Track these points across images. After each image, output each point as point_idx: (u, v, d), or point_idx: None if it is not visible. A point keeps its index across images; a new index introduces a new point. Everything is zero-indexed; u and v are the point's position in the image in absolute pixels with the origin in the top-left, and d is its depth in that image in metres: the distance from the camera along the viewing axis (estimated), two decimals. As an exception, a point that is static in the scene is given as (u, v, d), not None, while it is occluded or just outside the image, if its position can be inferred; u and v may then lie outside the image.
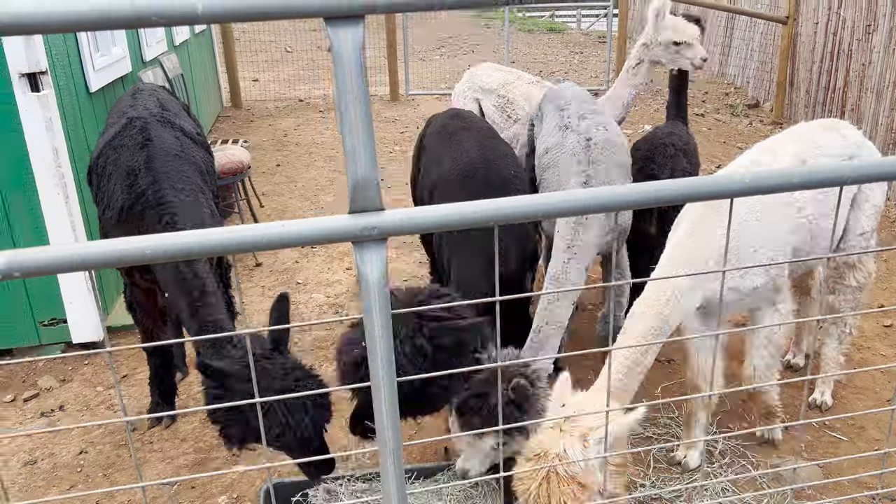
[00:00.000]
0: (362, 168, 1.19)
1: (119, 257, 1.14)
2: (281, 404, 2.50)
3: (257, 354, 2.62)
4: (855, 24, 8.50)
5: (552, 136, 3.93)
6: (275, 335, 2.71)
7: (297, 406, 2.54)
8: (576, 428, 2.20)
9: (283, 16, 1.10)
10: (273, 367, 2.60)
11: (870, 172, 1.47)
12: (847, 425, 3.73)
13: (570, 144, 3.71)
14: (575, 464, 2.11)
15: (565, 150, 3.72)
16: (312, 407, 2.57)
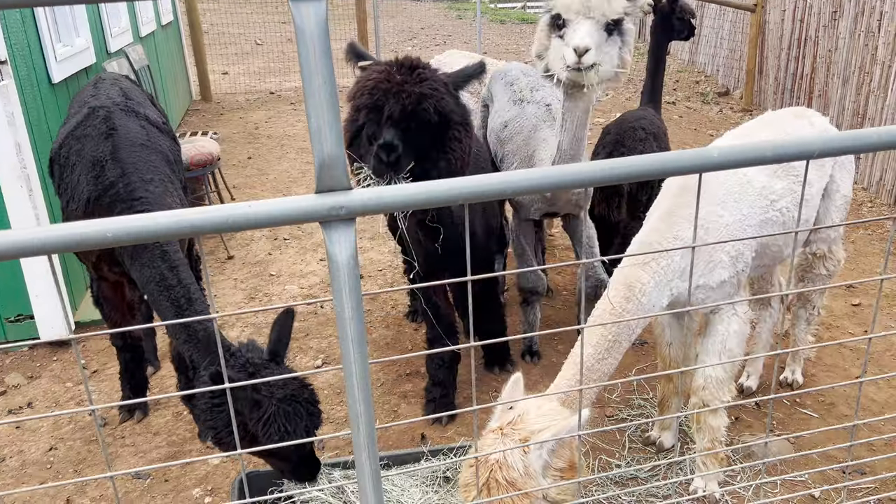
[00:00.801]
0: (328, 147, 1.17)
1: (80, 240, 1.11)
2: (280, 414, 2.53)
3: (256, 364, 2.63)
4: (821, 10, 8.61)
5: (508, 110, 4.00)
6: (272, 346, 2.71)
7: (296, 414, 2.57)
8: (518, 432, 2.13)
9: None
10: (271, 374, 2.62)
11: (836, 146, 1.48)
12: (817, 402, 3.80)
13: (530, 113, 3.88)
14: (514, 470, 2.05)
15: (527, 119, 3.87)
16: (307, 415, 2.60)
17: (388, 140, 2.65)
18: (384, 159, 2.66)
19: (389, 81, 2.69)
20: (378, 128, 2.72)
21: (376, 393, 3.97)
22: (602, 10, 2.86)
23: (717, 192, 2.84)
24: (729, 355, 2.88)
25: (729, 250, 2.82)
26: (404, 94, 2.67)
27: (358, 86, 2.77)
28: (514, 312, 4.83)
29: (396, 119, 2.68)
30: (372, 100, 2.69)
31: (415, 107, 2.68)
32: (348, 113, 2.86)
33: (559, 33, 2.95)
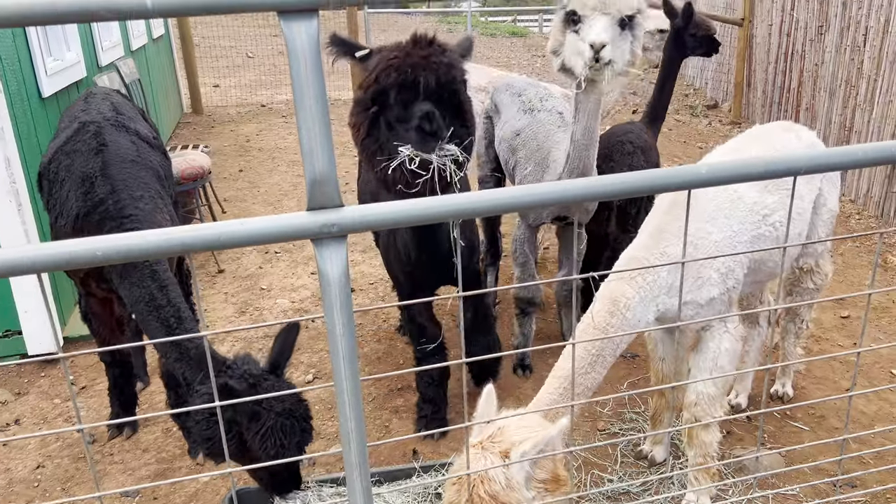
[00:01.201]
0: (320, 164, 1.17)
1: (69, 259, 1.10)
2: (278, 427, 2.54)
3: (255, 376, 2.63)
4: (808, 24, 8.71)
5: (518, 120, 4.08)
6: (274, 358, 2.71)
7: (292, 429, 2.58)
8: (498, 445, 2.11)
9: (236, 9, 1.08)
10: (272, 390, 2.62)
11: (822, 162, 1.50)
12: (808, 415, 3.81)
13: (543, 120, 3.99)
14: (496, 483, 2.02)
15: (540, 125, 3.97)
16: (300, 431, 2.61)
17: (429, 110, 2.60)
18: (429, 129, 2.61)
19: (416, 56, 2.63)
20: (409, 106, 2.64)
21: (368, 408, 3.96)
22: (618, 6, 2.94)
23: (706, 208, 2.84)
24: (720, 373, 2.87)
25: (718, 267, 2.80)
26: (435, 66, 2.62)
27: (380, 68, 2.64)
28: (505, 325, 4.84)
29: (431, 91, 2.63)
30: (403, 77, 2.60)
31: (447, 77, 2.65)
32: (360, 103, 2.76)
33: (574, 28, 3.02)
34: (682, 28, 4.66)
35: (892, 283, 5.39)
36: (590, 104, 3.26)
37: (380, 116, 2.71)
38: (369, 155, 2.75)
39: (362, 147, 2.78)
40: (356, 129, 2.78)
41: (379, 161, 2.71)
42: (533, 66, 16.34)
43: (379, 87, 2.63)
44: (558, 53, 3.16)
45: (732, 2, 11.33)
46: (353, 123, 2.80)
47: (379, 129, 2.72)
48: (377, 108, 2.69)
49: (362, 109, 2.73)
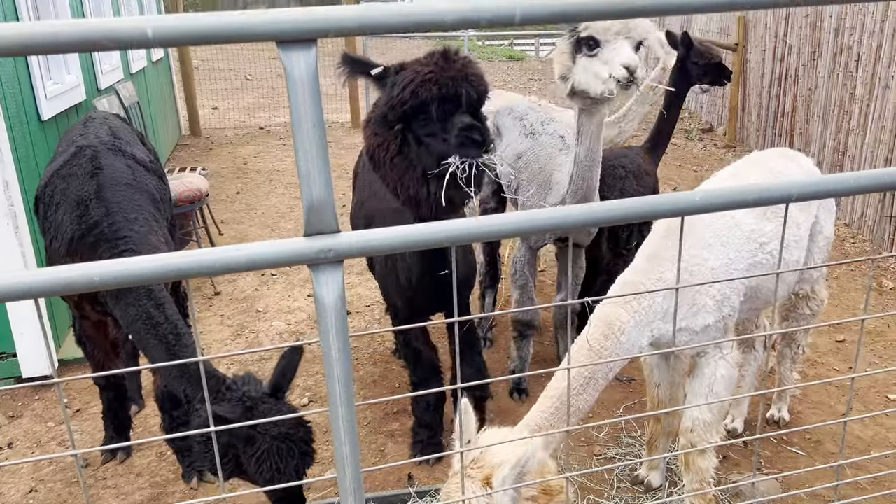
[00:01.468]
0: (317, 190, 1.18)
1: (66, 284, 1.11)
2: (274, 451, 2.52)
3: (255, 398, 2.62)
4: (801, 50, 8.82)
5: (520, 143, 4.13)
6: (276, 380, 2.70)
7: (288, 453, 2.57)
8: (480, 470, 2.10)
9: (234, 39, 1.10)
10: (269, 411, 2.60)
11: (815, 189, 1.51)
12: (804, 440, 3.80)
13: (544, 143, 4.05)
14: None
15: (542, 148, 4.04)
16: (299, 455, 2.59)
17: (469, 122, 2.59)
18: (478, 139, 2.58)
19: (453, 69, 2.61)
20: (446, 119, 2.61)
21: (363, 432, 3.94)
22: (638, 31, 3.09)
23: (703, 235, 2.85)
24: (716, 399, 2.86)
25: (714, 294, 2.80)
26: (473, 78, 2.63)
27: (416, 82, 2.58)
28: (501, 348, 4.83)
29: (473, 103, 2.64)
30: (444, 89, 2.57)
31: (483, 89, 2.67)
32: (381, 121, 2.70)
33: (590, 53, 3.11)
34: (684, 57, 4.70)
35: (887, 306, 5.40)
36: (592, 127, 3.34)
37: (407, 133, 2.67)
38: (399, 173, 2.70)
39: (392, 166, 2.71)
40: (384, 148, 2.71)
41: (410, 178, 2.68)
42: (529, 89, 16.48)
43: (417, 101, 2.57)
44: (567, 78, 3.22)
45: (727, 27, 11.47)
46: (377, 143, 2.73)
47: (409, 146, 2.67)
48: (403, 125, 2.65)
49: (388, 127, 2.68)
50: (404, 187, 2.72)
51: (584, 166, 3.45)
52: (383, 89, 2.71)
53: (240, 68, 17.23)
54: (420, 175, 2.67)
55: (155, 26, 1.05)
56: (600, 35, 3.08)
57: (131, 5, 9.43)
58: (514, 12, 1.17)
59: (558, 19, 1.21)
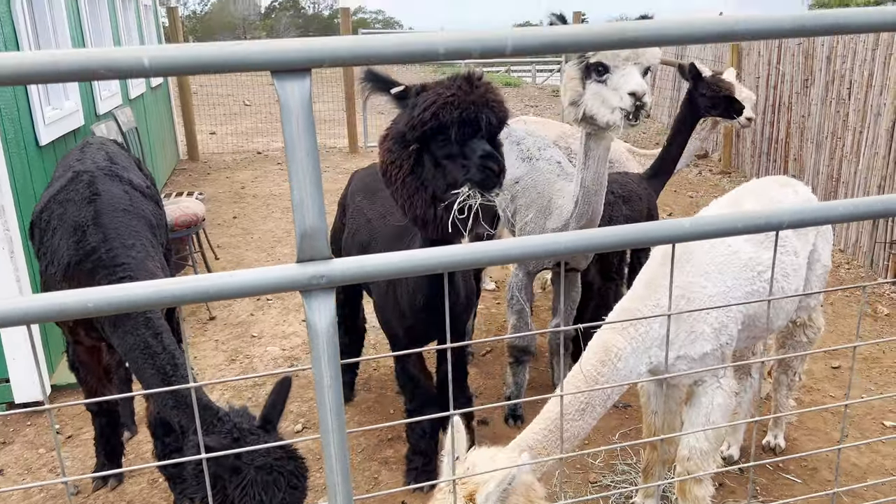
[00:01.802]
0: (310, 218, 1.19)
1: (60, 311, 1.11)
2: (258, 482, 2.48)
3: (244, 430, 2.59)
4: (793, 78, 8.92)
5: (517, 168, 4.15)
6: (266, 412, 2.68)
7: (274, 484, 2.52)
8: (465, 486, 2.08)
9: (229, 69, 1.11)
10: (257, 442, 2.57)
11: (805, 217, 1.53)
12: (800, 467, 3.78)
13: (542, 168, 4.08)
14: None
15: (540, 173, 4.06)
16: (288, 488, 2.54)
17: (488, 150, 2.59)
18: (495, 168, 2.58)
19: (474, 93, 2.62)
20: (464, 143, 2.61)
21: (357, 458, 3.91)
22: (647, 57, 3.12)
23: (701, 262, 2.85)
24: (713, 428, 2.85)
25: (712, 322, 2.79)
26: (494, 104, 2.64)
27: (437, 105, 2.59)
28: (497, 374, 4.82)
29: (493, 129, 2.64)
30: (465, 113, 2.57)
31: (503, 116, 2.67)
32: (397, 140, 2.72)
33: (599, 79, 3.15)
34: (692, 89, 4.68)
35: (882, 332, 5.41)
36: (600, 151, 3.38)
37: (423, 154, 2.68)
38: (410, 192, 2.72)
39: (404, 184, 2.73)
40: (397, 166, 2.73)
41: (420, 198, 2.69)
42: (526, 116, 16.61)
43: (437, 123, 2.58)
44: (577, 104, 3.24)
45: (721, 55, 11.61)
46: (391, 160, 2.75)
47: (423, 167, 2.69)
48: (418, 146, 2.66)
49: (404, 146, 2.70)
50: (413, 206, 2.74)
51: (590, 191, 3.49)
52: (403, 108, 2.73)
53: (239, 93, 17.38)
54: (430, 197, 2.68)
55: (151, 56, 1.07)
56: (609, 61, 3.12)
57: (132, 34, 9.54)
58: (505, 43, 1.19)
59: (549, 50, 1.23)
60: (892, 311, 5.78)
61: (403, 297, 3.27)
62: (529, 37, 1.21)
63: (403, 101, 2.73)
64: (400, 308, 3.33)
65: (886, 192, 6.66)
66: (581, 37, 1.23)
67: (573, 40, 1.24)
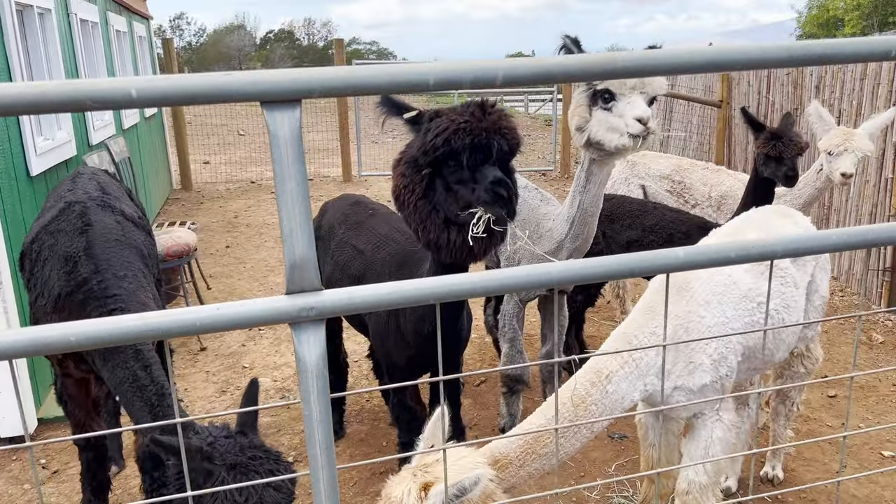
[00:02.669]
0: (300, 249, 1.18)
1: (43, 345, 1.08)
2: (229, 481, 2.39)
3: (216, 435, 2.53)
4: (783, 107, 9.02)
5: None
6: (242, 419, 2.62)
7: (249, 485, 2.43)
8: (426, 475, 2.07)
9: (218, 99, 1.10)
10: (230, 444, 2.50)
11: (798, 247, 1.52)
12: (799, 498, 3.73)
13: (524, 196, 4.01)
14: None
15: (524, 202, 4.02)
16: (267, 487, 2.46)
17: (499, 176, 2.60)
18: (505, 195, 2.59)
19: (486, 120, 2.64)
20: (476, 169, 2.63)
21: (349, 493, 3.84)
22: (653, 87, 3.22)
23: (700, 292, 2.83)
24: (712, 462, 2.81)
25: (711, 353, 2.76)
26: (506, 131, 2.65)
27: (450, 130, 2.61)
28: (491, 404, 4.76)
29: (504, 155, 2.66)
30: (477, 139, 2.59)
31: (515, 143, 2.69)
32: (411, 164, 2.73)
33: (605, 106, 3.24)
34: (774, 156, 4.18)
35: (877, 360, 5.39)
36: (602, 176, 3.48)
37: (435, 178, 2.70)
38: (422, 217, 2.73)
39: (416, 209, 2.74)
40: (409, 190, 2.74)
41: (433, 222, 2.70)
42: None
43: (449, 148, 2.60)
44: (583, 130, 3.33)
45: (711, 84, 11.75)
46: (403, 184, 2.76)
47: (435, 192, 2.70)
48: (431, 170, 2.68)
49: (417, 171, 2.71)
50: (426, 230, 2.74)
51: (588, 213, 3.57)
52: (416, 133, 2.75)
53: (233, 123, 17.45)
54: (442, 220, 2.70)
55: (139, 87, 1.05)
56: (616, 88, 3.20)
57: (126, 66, 9.59)
58: (496, 73, 1.18)
59: (540, 80, 1.23)
60: (888, 338, 5.77)
61: (408, 325, 3.22)
62: (520, 67, 1.20)
63: (416, 127, 2.76)
64: (403, 337, 3.28)
65: (878, 218, 6.69)
66: (571, 67, 1.23)
67: (563, 70, 1.23)
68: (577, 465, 4.06)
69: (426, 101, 26.92)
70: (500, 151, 2.62)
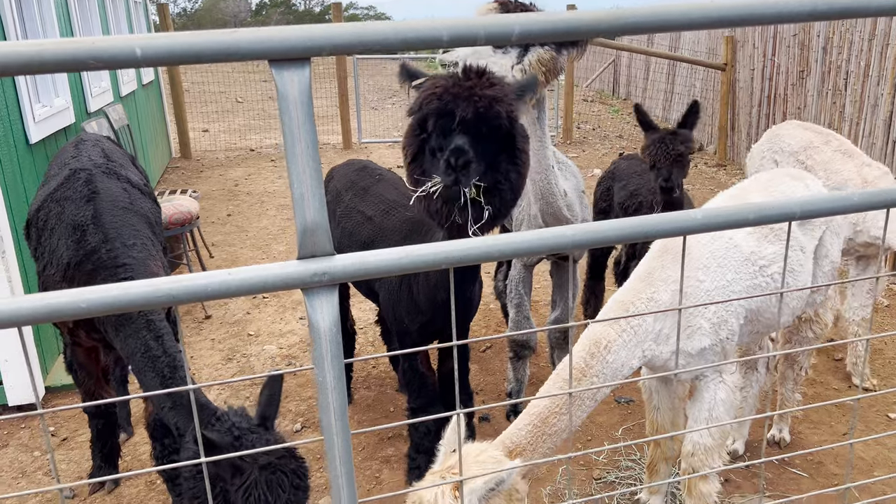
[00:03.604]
0: (311, 212, 1.15)
1: (52, 311, 1.06)
2: (262, 482, 2.42)
3: (243, 429, 2.54)
4: (789, 69, 8.89)
5: None
6: (262, 410, 2.63)
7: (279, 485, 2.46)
8: (454, 476, 2.09)
9: (226, 58, 1.06)
10: (257, 440, 2.52)
11: (817, 207, 1.49)
12: (806, 461, 3.75)
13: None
14: None
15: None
16: (291, 488, 2.49)
17: (459, 145, 2.53)
18: (453, 163, 2.52)
19: (460, 86, 2.57)
20: (447, 135, 2.59)
21: (357, 458, 3.86)
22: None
23: (700, 256, 2.80)
24: (716, 423, 2.80)
25: (710, 317, 2.74)
26: (476, 98, 2.54)
27: (424, 94, 2.61)
28: (497, 370, 4.78)
29: (469, 123, 2.56)
30: (442, 104, 2.54)
31: (487, 110, 2.55)
32: (409, 127, 2.73)
33: None
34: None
35: (883, 324, 5.38)
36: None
37: (426, 142, 2.68)
38: (413, 181, 2.73)
39: (408, 171, 2.76)
40: (404, 152, 2.76)
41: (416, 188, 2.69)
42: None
43: (421, 114, 2.60)
44: None
45: (715, 47, 11.58)
46: (402, 146, 2.79)
47: (423, 156, 2.69)
48: (425, 135, 2.66)
49: (413, 134, 2.71)
50: (414, 195, 2.72)
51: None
52: None
53: (231, 91, 17.28)
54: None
55: (144, 45, 1.01)
56: None
57: (122, 29, 9.44)
58: (512, 29, 1.14)
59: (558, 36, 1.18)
60: (893, 301, 5.76)
61: (421, 292, 3.20)
62: (536, 22, 1.16)
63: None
64: (416, 304, 3.26)
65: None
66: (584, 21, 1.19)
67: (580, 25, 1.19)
68: (584, 429, 4.08)
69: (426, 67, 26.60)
70: (463, 119, 2.54)
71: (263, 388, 2.68)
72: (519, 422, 2.49)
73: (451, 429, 2.29)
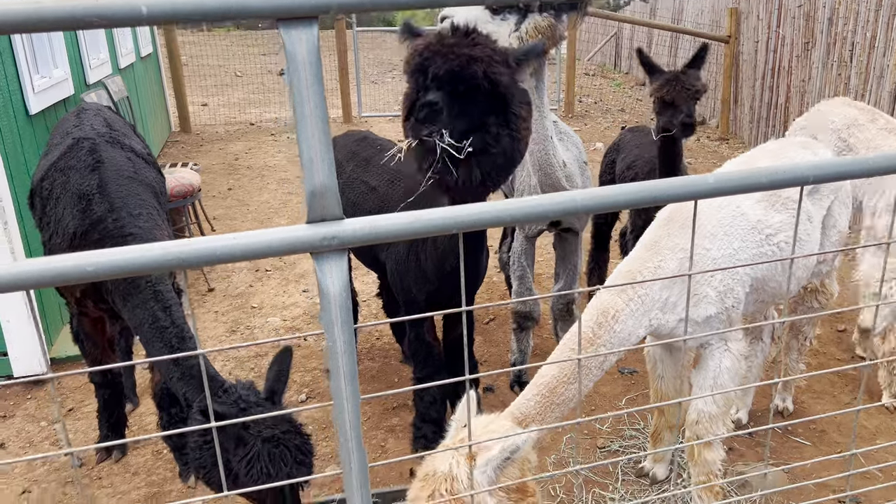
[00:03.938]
0: (320, 176, 1.13)
1: (57, 275, 1.05)
2: (264, 454, 2.44)
3: (249, 401, 2.55)
4: (794, 41, 8.80)
5: None
6: (271, 385, 2.63)
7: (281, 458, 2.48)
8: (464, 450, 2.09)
9: (233, 16, 1.04)
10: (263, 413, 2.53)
11: (830, 172, 1.47)
12: (808, 429, 3.77)
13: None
14: (459, 482, 2.02)
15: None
16: (294, 463, 2.50)
17: (428, 99, 2.51)
18: (419, 117, 2.52)
19: (442, 44, 2.55)
20: (427, 91, 2.56)
21: (363, 427, 3.88)
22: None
23: (706, 224, 2.79)
24: (721, 391, 2.81)
25: (716, 285, 2.74)
26: (452, 55, 2.51)
27: (409, 51, 2.63)
28: (500, 341, 4.79)
29: (443, 79, 2.52)
30: (421, 60, 2.53)
31: (463, 68, 2.50)
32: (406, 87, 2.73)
33: None
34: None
35: (885, 295, 5.39)
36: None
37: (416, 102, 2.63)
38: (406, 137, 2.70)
39: (403, 128, 2.74)
40: (402, 109, 2.74)
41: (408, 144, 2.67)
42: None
43: (408, 69, 2.60)
44: None
45: (718, 19, 11.45)
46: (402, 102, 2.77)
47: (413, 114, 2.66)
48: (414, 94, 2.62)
49: (405, 93, 2.70)
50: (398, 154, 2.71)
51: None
52: None
53: (229, 64, 17.12)
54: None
55: (149, 3, 0.99)
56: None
57: None
58: (525, -15, 1.11)
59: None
60: None
61: (429, 261, 3.19)
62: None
63: None
64: (424, 273, 3.25)
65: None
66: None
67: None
68: (588, 399, 4.10)
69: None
70: (434, 74, 2.51)
71: (272, 363, 2.69)
72: (527, 392, 2.50)
73: (463, 405, 2.29)
